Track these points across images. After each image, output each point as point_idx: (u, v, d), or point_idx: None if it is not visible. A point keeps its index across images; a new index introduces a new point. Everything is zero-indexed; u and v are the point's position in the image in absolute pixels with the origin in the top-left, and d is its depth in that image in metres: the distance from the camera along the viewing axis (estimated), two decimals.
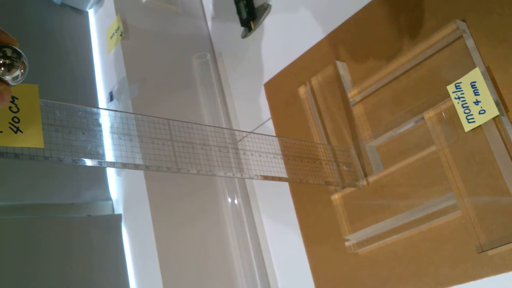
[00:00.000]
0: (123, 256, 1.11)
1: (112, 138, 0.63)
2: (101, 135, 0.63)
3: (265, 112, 1.20)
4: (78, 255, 1.06)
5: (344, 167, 0.96)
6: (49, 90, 1.17)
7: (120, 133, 0.65)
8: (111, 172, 1.21)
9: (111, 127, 0.64)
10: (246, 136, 0.90)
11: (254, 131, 1.21)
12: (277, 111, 1.18)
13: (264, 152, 0.88)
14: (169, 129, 0.73)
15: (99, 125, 0.63)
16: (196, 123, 0.79)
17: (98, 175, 1.20)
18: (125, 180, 1.16)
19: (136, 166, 0.64)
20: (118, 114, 0.67)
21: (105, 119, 0.64)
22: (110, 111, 0.66)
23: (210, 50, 1.39)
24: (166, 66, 1.28)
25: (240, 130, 0.99)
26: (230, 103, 1.32)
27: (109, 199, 1.19)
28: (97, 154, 0.61)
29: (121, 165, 0.63)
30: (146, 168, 0.65)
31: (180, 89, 1.28)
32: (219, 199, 1.21)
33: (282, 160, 0.91)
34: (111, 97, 1.22)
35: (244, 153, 0.86)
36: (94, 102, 1.28)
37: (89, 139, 0.61)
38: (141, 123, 0.68)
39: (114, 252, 1.11)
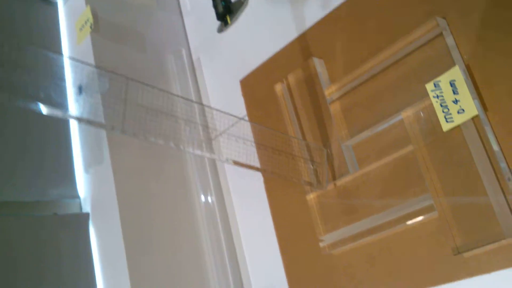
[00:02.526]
0: (91, 256, 1.07)
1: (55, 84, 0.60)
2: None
3: (241, 109, 1.17)
4: (44, 255, 1.02)
5: (311, 166, 0.94)
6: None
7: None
8: (79, 169, 1.16)
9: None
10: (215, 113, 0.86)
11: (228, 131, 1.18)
12: (253, 109, 1.15)
13: (234, 135, 0.85)
14: (126, 88, 0.69)
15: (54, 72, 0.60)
16: (163, 90, 0.75)
17: (65, 172, 1.15)
18: (93, 177, 1.11)
19: (79, 120, 0.61)
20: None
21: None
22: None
23: (185, 45, 1.35)
24: (138, 61, 1.24)
25: (208, 106, 0.95)
26: (205, 100, 1.29)
27: (77, 197, 1.14)
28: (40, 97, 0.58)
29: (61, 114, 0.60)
30: (87, 122, 0.62)
31: (154, 83, 1.23)
32: (191, 197, 1.17)
33: (255, 149, 0.88)
34: (80, 90, 1.17)
35: (215, 134, 0.83)
36: (62, 95, 1.23)
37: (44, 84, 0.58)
38: (92, 75, 0.65)
39: (81, 252, 1.07)
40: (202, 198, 1.17)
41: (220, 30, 1.26)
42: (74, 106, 1.19)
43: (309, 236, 0.97)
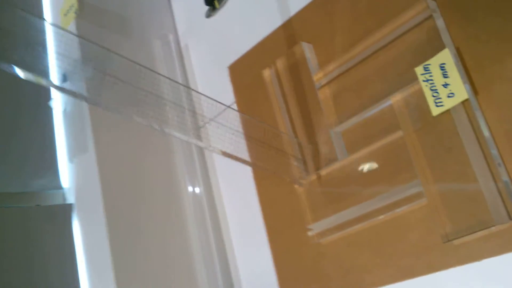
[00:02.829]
0: (74, 248, 1.05)
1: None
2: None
3: (230, 95, 1.15)
4: (27, 247, 1.00)
5: (295, 163, 0.93)
6: None
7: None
8: (62, 159, 1.14)
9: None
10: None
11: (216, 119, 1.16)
12: (242, 95, 1.12)
13: (223, 123, 0.83)
14: (105, 61, 0.68)
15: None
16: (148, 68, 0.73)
17: (48, 162, 1.13)
18: (77, 167, 1.09)
19: (62, 90, 0.60)
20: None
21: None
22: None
23: (173, 30, 1.32)
24: (124, 46, 1.21)
25: (197, 92, 0.93)
26: (193, 87, 1.26)
27: (60, 187, 1.12)
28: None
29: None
30: (70, 93, 0.61)
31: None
32: (178, 187, 1.15)
33: (243, 139, 0.86)
34: (64, 78, 1.14)
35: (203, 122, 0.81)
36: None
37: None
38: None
39: (65, 244, 1.05)
40: (190, 188, 1.15)
41: (208, 15, 1.24)
42: (58, 94, 1.16)
43: (298, 225, 0.95)
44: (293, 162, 0.97)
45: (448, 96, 0.75)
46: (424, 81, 0.78)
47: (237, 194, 1.14)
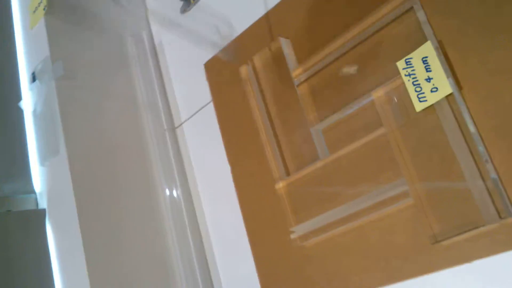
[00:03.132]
0: (48, 254, 1.00)
1: None
2: None
3: (206, 94, 1.11)
4: None
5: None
6: None
7: None
8: (34, 162, 1.09)
9: None
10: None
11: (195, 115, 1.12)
12: (218, 93, 1.08)
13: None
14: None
15: None
16: None
17: (19, 165, 1.08)
18: (50, 171, 1.04)
19: None
20: None
21: None
22: None
23: (146, 27, 1.28)
24: (96, 44, 1.16)
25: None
26: (168, 85, 1.22)
27: (32, 192, 1.07)
28: None
29: None
30: None
31: (112, 69, 1.16)
32: (155, 190, 1.10)
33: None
34: (33, 78, 1.10)
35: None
36: (15, 83, 1.15)
37: None
38: None
39: (38, 251, 1.00)
40: (167, 191, 1.10)
41: (183, 10, 1.19)
42: (28, 94, 1.11)
43: (280, 228, 0.92)
44: (272, 161, 0.93)
45: (432, 91, 0.72)
46: (406, 75, 0.75)
47: (217, 197, 1.10)
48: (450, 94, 0.71)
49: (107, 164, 1.04)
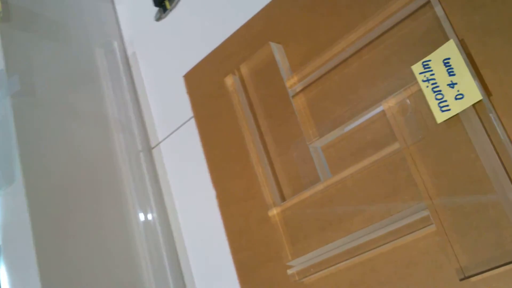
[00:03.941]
0: None
1: None
2: None
3: (187, 109, 0.98)
4: None
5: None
6: None
7: None
8: None
9: None
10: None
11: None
12: (201, 108, 0.96)
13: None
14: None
15: None
16: None
17: None
18: (4, 202, 0.90)
19: None
20: None
21: None
22: None
23: (118, 37, 1.15)
24: (59, 56, 1.03)
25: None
26: (143, 100, 1.09)
27: None
28: None
29: None
30: None
31: (79, 84, 1.03)
32: (127, 215, 0.96)
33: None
34: None
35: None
36: None
37: None
38: None
39: None
40: (141, 215, 0.97)
41: (158, 17, 1.07)
42: None
43: (274, 261, 0.79)
44: (264, 185, 0.81)
45: (456, 98, 0.61)
46: (424, 81, 0.64)
47: (199, 223, 0.97)
48: (478, 102, 0.60)
49: (72, 193, 0.91)
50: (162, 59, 1.07)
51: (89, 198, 0.92)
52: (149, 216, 0.97)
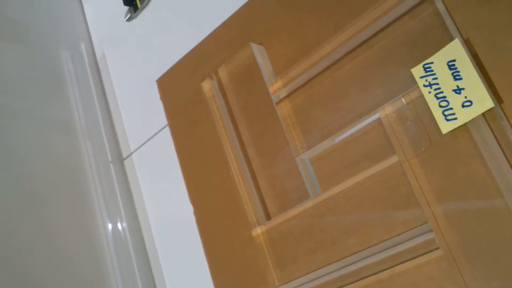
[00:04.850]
0: None
1: None
2: None
3: (161, 117, 0.90)
4: None
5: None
6: None
7: None
8: None
9: None
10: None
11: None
12: (176, 116, 0.87)
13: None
14: None
15: None
16: None
17: None
18: None
19: None
20: None
21: None
22: None
23: (86, 38, 1.06)
24: (20, 59, 0.94)
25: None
26: (114, 106, 1.00)
27: None
28: None
29: None
30: None
31: (42, 90, 0.94)
32: (94, 230, 0.87)
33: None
34: None
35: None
36: None
37: None
38: None
39: None
40: (109, 225, 0.88)
41: (129, 17, 0.98)
42: None
43: (259, 287, 0.71)
44: (247, 201, 0.73)
45: (464, 106, 0.54)
46: (425, 86, 0.56)
47: (175, 241, 0.89)
48: (490, 110, 0.52)
49: (32, 211, 0.81)
50: (134, 62, 0.98)
51: (50, 210, 0.83)
52: (119, 233, 0.88)
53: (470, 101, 0.53)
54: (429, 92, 0.56)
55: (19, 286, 0.75)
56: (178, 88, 0.87)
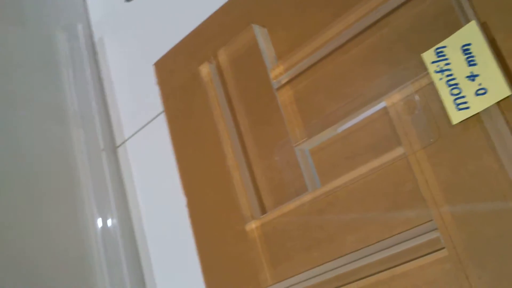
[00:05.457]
0: None
1: None
2: None
3: (157, 102, 0.86)
4: None
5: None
6: None
7: None
8: None
9: None
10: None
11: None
12: (172, 101, 0.84)
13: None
14: None
15: None
16: None
17: None
18: None
19: None
20: None
21: None
22: None
23: (84, 20, 1.02)
24: (12, 39, 0.90)
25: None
26: (109, 92, 0.97)
27: None
28: None
29: None
30: None
31: (34, 72, 0.90)
32: (82, 219, 0.84)
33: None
34: None
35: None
36: None
37: None
38: None
39: None
40: (99, 221, 0.84)
41: None
42: None
43: (252, 284, 0.67)
44: (242, 194, 0.69)
45: (477, 94, 0.49)
46: (437, 72, 0.52)
47: (167, 232, 0.85)
48: (506, 98, 0.48)
49: (21, 198, 0.78)
50: (132, 45, 0.95)
51: (36, 200, 0.79)
52: (109, 223, 0.84)
53: (485, 89, 0.49)
54: (440, 79, 0.51)
55: (4, 282, 0.72)
56: (176, 72, 0.83)
